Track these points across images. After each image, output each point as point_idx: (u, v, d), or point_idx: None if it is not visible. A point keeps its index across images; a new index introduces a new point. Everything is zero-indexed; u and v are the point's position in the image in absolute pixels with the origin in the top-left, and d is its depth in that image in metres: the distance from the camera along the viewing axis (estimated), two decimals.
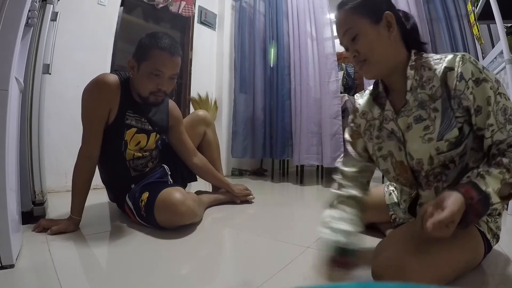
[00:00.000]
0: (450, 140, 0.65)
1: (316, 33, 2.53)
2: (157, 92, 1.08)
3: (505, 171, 0.58)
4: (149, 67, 1.04)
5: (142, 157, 1.23)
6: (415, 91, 0.69)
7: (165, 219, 1.05)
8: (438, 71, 0.66)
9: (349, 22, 0.69)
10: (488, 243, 0.70)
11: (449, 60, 0.65)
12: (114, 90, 1.09)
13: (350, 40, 0.70)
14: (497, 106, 0.62)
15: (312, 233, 1.07)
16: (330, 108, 2.35)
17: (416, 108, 0.69)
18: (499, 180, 0.58)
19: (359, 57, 0.70)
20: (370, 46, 0.68)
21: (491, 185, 0.57)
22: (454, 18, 1.96)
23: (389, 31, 0.68)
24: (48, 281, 0.68)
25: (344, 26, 0.70)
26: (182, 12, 2.61)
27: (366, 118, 0.81)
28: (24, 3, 0.76)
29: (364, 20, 0.68)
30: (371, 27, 0.68)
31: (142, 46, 1.07)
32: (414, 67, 0.69)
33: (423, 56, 0.71)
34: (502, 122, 0.61)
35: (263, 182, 2.51)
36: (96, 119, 1.09)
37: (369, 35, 0.68)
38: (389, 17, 0.68)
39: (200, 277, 0.75)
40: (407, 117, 0.70)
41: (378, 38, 0.68)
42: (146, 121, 1.20)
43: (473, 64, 0.63)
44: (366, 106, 0.81)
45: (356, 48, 0.69)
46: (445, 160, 0.67)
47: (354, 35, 0.69)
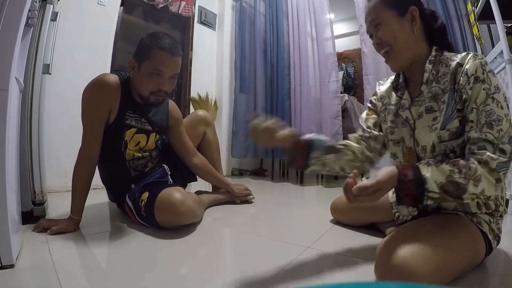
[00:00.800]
0: (451, 130, 0.69)
1: (316, 33, 2.53)
2: (158, 92, 1.08)
3: (456, 171, 0.61)
4: (150, 67, 1.04)
5: (142, 157, 1.23)
6: (430, 84, 0.74)
7: (165, 219, 1.05)
8: (452, 66, 0.70)
9: (376, 11, 0.75)
10: (489, 244, 0.70)
11: (462, 57, 0.70)
12: (114, 90, 1.09)
13: (374, 28, 0.76)
14: (484, 107, 0.64)
15: (312, 233, 1.08)
16: (331, 108, 2.35)
17: (429, 100, 0.74)
18: (445, 175, 0.61)
19: (382, 44, 0.75)
20: (392, 34, 0.74)
21: (433, 174, 0.61)
22: (454, 18, 1.96)
23: (412, 24, 0.73)
24: (48, 281, 0.68)
25: (371, 15, 0.76)
26: (182, 12, 2.61)
27: (383, 102, 0.89)
28: (24, 3, 0.76)
29: (390, 11, 0.74)
30: (395, 18, 0.73)
31: (143, 46, 1.07)
32: (432, 62, 0.74)
33: (444, 54, 0.75)
34: (481, 123, 0.64)
35: (263, 182, 2.51)
36: (96, 119, 1.09)
37: (392, 24, 0.73)
38: (413, 11, 0.73)
39: (200, 277, 0.75)
40: (419, 107, 0.76)
41: (400, 29, 0.73)
42: (146, 121, 1.20)
43: (480, 64, 0.66)
44: (385, 92, 0.89)
45: (379, 36, 0.75)
46: (445, 149, 0.70)
47: (378, 23, 0.75)
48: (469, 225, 0.69)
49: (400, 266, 0.56)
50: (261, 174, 2.97)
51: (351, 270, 0.76)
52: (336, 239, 1.03)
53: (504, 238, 0.77)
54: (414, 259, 0.56)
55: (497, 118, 0.63)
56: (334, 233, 1.09)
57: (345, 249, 0.91)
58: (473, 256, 0.68)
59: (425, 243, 0.59)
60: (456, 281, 0.64)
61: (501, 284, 0.71)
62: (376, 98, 0.92)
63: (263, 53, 2.83)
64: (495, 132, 0.63)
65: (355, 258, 0.84)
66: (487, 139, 0.63)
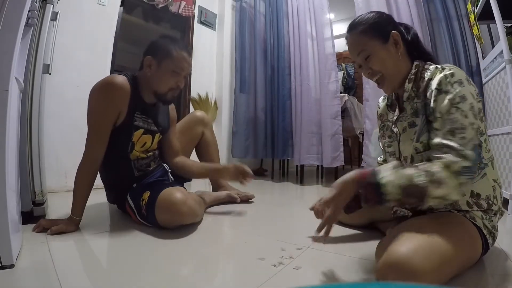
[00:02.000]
0: (424, 142, 0.73)
1: (316, 33, 2.53)
2: (176, 88, 1.16)
3: (416, 174, 0.62)
4: (172, 65, 1.12)
5: (146, 157, 1.24)
6: (412, 100, 0.78)
7: (166, 219, 1.05)
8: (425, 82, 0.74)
9: (361, 44, 0.78)
10: (485, 240, 0.71)
11: (431, 72, 0.73)
12: (125, 92, 1.10)
13: (363, 60, 0.79)
14: (448, 115, 0.66)
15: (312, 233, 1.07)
16: (330, 108, 2.35)
17: (411, 115, 0.78)
18: (406, 178, 0.63)
19: (374, 74, 0.80)
20: (382, 63, 0.78)
21: (393, 176, 0.64)
22: (454, 18, 1.96)
23: (396, 47, 0.78)
24: (48, 281, 0.68)
25: (357, 48, 0.80)
26: (182, 12, 2.61)
27: (382, 119, 0.95)
28: (24, 3, 0.76)
29: (375, 41, 0.77)
30: (381, 46, 0.77)
31: (161, 45, 1.14)
32: (412, 80, 0.78)
33: (425, 68, 0.78)
34: (445, 131, 0.66)
35: (263, 182, 2.51)
36: (104, 122, 1.08)
37: (380, 54, 0.77)
38: (395, 36, 0.77)
39: (200, 277, 0.75)
40: (404, 122, 0.81)
41: (388, 56, 0.77)
42: (152, 122, 1.22)
43: (444, 77, 0.69)
44: (383, 110, 0.95)
45: (370, 66, 0.79)
46: (422, 159, 0.74)
47: (367, 55, 0.78)
48: (464, 220, 0.70)
49: (400, 264, 0.56)
50: (261, 174, 2.97)
51: (351, 270, 0.76)
52: (336, 239, 1.03)
53: (504, 238, 0.77)
54: (414, 257, 0.56)
55: (461, 126, 0.64)
56: (334, 233, 1.09)
57: (345, 249, 0.91)
58: (471, 250, 0.69)
59: (424, 241, 0.60)
60: (456, 281, 0.64)
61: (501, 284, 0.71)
62: (378, 116, 0.98)
63: (263, 53, 2.84)
64: (458, 139, 0.63)
65: (355, 258, 0.84)
66: (449, 145, 0.63)
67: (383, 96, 0.99)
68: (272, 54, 2.76)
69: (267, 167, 3.03)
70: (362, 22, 0.79)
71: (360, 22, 0.80)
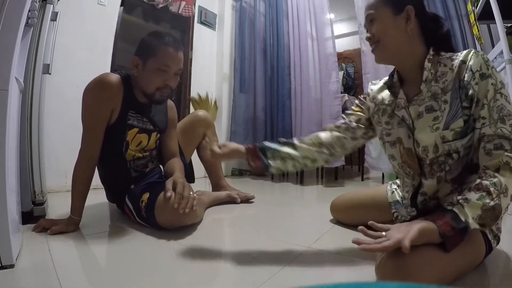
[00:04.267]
0: (456, 130, 0.68)
1: (316, 33, 2.53)
2: (164, 88, 1.10)
3: (485, 195, 0.59)
4: (156, 63, 1.06)
5: (143, 157, 1.23)
6: (429, 83, 0.73)
7: (166, 220, 1.04)
8: (454, 65, 0.71)
9: (372, 7, 0.78)
10: (489, 244, 0.70)
11: (464, 55, 0.70)
12: (117, 90, 1.08)
13: (369, 22, 0.79)
14: (494, 102, 0.65)
15: (312, 233, 1.07)
16: (331, 108, 2.35)
17: (428, 99, 0.73)
18: (479, 206, 0.59)
19: (373, 39, 0.78)
20: (383, 30, 0.76)
21: (470, 213, 0.58)
22: (454, 18, 1.96)
23: (406, 23, 0.74)
24: (48, 281, 0.68)
25: (368, 9, 0.79)
26: (182, 12, 2.61)
27: (375, 102, 0.88)
28: (24, 3, 0.76)
29: (386, 8, 0.76)
30: (390, 16, 0.75)
31: (147, 43, 1.09)
32: (431, 61, 0.74)
33: (441, 54, 0.75)
34: (495, 118, 0.64)
35: (263, 182, 2.51)
36: (97, 120, 1.08)
37: (385, 21, 0.75)
38: (409, 11, 0.74)
39: (200, 277, 0.75)
40: (419, 106, 0.74)
41: (393, 27, 0.75)
42: (148, 121, 1.20)
43: (483, 60, 0.67)
44: (377, 92, 0.89)
45: (372, 31, 0.78)
46: (449, 149, 0.70)
47: (373, 18, 0.77)
48: None
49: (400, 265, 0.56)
50: (261, 174, 2.97)
51: (351, 270, 0.76)
52: (336, 239, 1.03)
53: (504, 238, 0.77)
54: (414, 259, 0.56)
55: (508, 113, 0.64)
56: (334, 233, 1.09)
57: (345, 249, 0.91)
58: (474, 255, 0.68)
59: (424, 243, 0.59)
60: (456, 281, 0.64)
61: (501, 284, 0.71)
62: (368, 99, 0.91)
63: (263, 53, 2.83)
64: (508, 126, 0.63)
65: (355, 258, 0.84)
66: (503, 135, 0.63)
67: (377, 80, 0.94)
68: (272, 54, 2.76)
69: None
70: None
71: None
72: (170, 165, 1.25)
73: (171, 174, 1.15)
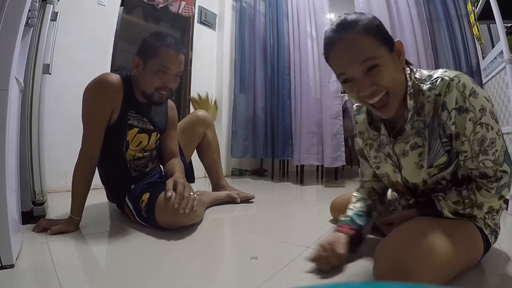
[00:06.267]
0: (440, 166, 0.69)
1: (316, 33, 2.53)
2: (163, 88, 1.10)
3: (461, 202, 0.67)
4: (157, 64, 1.07)
5: (143, 157, 1.23)
6: (412, 118, 0.69)
7: (166, 220, 1.04)
8: (431, 98, 0.65)
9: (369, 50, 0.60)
10: (487, 239, 0.71)
11: (439, 86, 0.63)
12: (117, 90, 1.09)
13: (365, 71, 0.61)
14: (474, 136, 0.63)
15: (312, 233, 1.07)
16: (331, 108, 2.35)
17: (413, 136, 0.70)
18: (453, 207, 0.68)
19: (378, 91, 0.63)
20: (392, 78, 0.62)
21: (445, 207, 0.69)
22: (454, 18, 1.96)
23: (399, 59, 0.64)
24: (48, 281, 0.68)
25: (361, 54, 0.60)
26: (182, 12, 2.61)
27: (363, 137, 0.84)
28: (24, 3, 0.76)
29: (383, 49, 0.61)
30: (389, 56, 0.62)
31: (148, 44, 1.09)
32: (412, 96, 0.67)
33: (416, 77, 0.68)
34: (476, 152, 0.64)
35: (263, 182, 2.51)
36: (98, 120, 1.08)
37: (390, 66, 0.62)
38: (398, 45, 0.64)
39: (200, 277, 0.75)
40: (405, 144, 0.71)
41: (395, 69, 0.63)
42: (148, 121, 1.20)
43: (458, 91, 0.61)
44: (362, 126, 0.83)
45: (376, 81, 0.62)
46: (437, 180, 0.72)
47: (374, 65, 0.60)
48: (464, 222, 0.70)
49: (400, 265, 0.56)
50: (261, 174, 2.97)
51: (351, 270, 0.76)
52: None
53: (504, 238, 0.77)
54: (413, 258, 0.56)
55: (490, 142, 0.63)
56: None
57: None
58: (472, 252, 0.68)
59: (423, 242, 0.59)
60: (456, 281, 0.64)
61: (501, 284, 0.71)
62: (357, 133, 0.87)
63: (263, 53, 2.83)
64: (491, 156, 0.63)
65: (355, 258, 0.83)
66: (486, 166, 0.64)
67: (356, 106, 0.86)
68: (272, 54, 2.76)
69: (267, 167, 3.03)
70: (362, 20, 0.61)
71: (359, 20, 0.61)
72: (170, 165, 1.26)
73: (172, 174, 1.15)
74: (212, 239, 1.07)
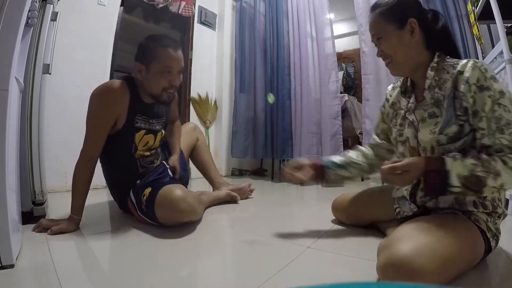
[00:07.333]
0: (449, 135, 0.72)
1: (316, 33, 2.53)
2: (170, 88, 1.14)
3: (479, 164, 0.65)
4: (159, 66, 1.10)
5: (150, 155, 1.27)
6: (433, 90, 0.77)
7: (165, 215, 1.05)
8: (453, 73, 0.73)
9: (377, 25, 0.81)
10: (488, 242, 0.71)
11: (462, 65, 0.72)
12: (121, 97, 1.11)
13: (376, 40, 0.82)
14: (493, 114, 0.67)
15: (312, 233, 1.07)
16: (330, 108, 2.35)
17: (431, 105, 0.77)
18: (468, 169, 0.65)
19: (384, 56, 0.82)
20: (392, 48, 0.79)
21: (456, 168, 0.66)
22: (454, 18, 1.96)
23: (411, 35, 0.77)
24: (48, 281, 0.68)
25: (373, 29, 0.83)
26: (182, 12, 2.61)
27: (394, 108, 0.93)
28: (24, 3, 0.76)
29: (390, 25, 0.78)
30: (395, 32, 0.78)
31: (146, 48, 1.12)
32: (435, 69, 0.77)
33: (446, 60, 0.77)
34: (493, 129, 0.66)
35: (263, 182, 2.51)
36: (101, 124, 1.11)
37: (392, 39, 0.78)
38: (412, 24, 0.77)
39: (200, 277, 0.75)
40: (424, 111, 0.79)
41: (400, 42, 0.78)
42: (154, 122, 1.24)
43: (481, 72, 0.69)
44: (396, 97, 0.93)
45: (381, 49, 0.81)
46: (443, 152, 0.73)
47: (380, 37, 0.80)
48: (468, 222, 0.70)
49: (402, 264, 0.56)
50: (261, 174, 2.97)
51: (351, 270, 0.76)
52: (336, 239, 1.03)
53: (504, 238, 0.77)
54: (416, 257, 0.56)
55: (507, 122, 0.65)
56: (334, 233, 1.09)
57: (345, 249, 0.91)
58: (473, 253, 0.68)
59: (427, 241, 0.60)
60: (456, 281, 0.64)
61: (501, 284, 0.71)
62: (388, 105, 0.97)
63: (263, 53, 2.83)
64: (507, 135, 0.65)
65: (355, 258, 0.84)
66: (502, 144, 0.65)
67: (392, 84, 0.99)
68: (272, 54, 2.76)
69: (267, 167, 3.02)
70: (382, 3, 0.80)
71: (381, 3, 0.81)
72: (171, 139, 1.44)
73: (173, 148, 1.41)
74: (212, 239, 1.07)
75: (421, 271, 0.55)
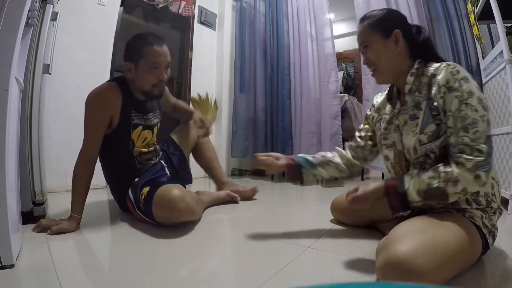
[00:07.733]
0: (428, 134, 0.76)
1: (316, 33, 2.53)
2: (159, 83, 1.18)
3: (436, 176, 0.69)
4: (146, 63, 1.14)
5: (148, 152, 1.30)
6: (413, 94, 0.82)
7: (163, 215, 1.06)
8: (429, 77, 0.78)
9: (364, 34, 0.86)
10: (485, 238, 0.71)
11: (436, 68, 0.76)
12: (113, 98, 1.16)
13: (363, 48, 0.87)
14: (459, 113, 0.70)
15: (312, 233, 1.08)
16: (330, 108, 2.35)
17: (412, 108, 0.82)
18: (426, 183, 0.70)
19: (369, 64, 0.87)
20: (377, 56, 0.84)
21: (413, 184, 0.72)
22: (454, 18, 1.96)
23: (396, 45, 0.82)
24: (48, 281, 0.68)
25: (360, 38, 0.88)
26: (182, 12, 2.61)
27: (379, 113, 0.98)
28: (24, 3, 0.76)
29: (376, 34, 0.84)
30: (381, 41, 0.83)
31: (133, 47, 1.17)
32: (414, 74, 0.82)
33: (427, 66, 0.81)
34: (458, 128, 0.69)
35: (263, 182, 2.51)
36: (96, 125, 1.15)
37: (378, 47, 0.84)
38: (397, 34, 0.82)
39: (200, 277, 0.75)
40: (405, 115, 0.84)
41: (385, 51, 0.83)
42: (150, 117, 1.28)
43: (451, 74, 0.72)
44: (381, 103, 0.98)
45: (368, 56, 0.86)
46: (426, 151, 0.77)
47: (366, 45, 0.86)
48: (463, 220, 0.70)
49: (401, 263, 0.56)
50: (261, 174, 2.97)
51: (351, 270, 0.77)
52: (336, 239, 1.03)
53: (504, 238, 0.77)
54: (415, 256, 0.56)
55: (472, 121, 0.68)
56: (334, 233, 1.10)
57: (344, 249, 0.91)
58: (471, 251, 0.69)
59: (425, 240, 0.60)
60: (456, 281, 0.64)
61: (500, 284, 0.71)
62: (373, 109, 1.01)
63: (263, 53, 2.83)
64: (471, 134, 0.68)
65: (355, 258, 0.84)
66: (464, 143, 0.68)
67: (380, 93, 1.03)
68: (272, 54, 2.76)
69: None
70: (371, 16, 0.86)
71: (369, 15, 0.87)
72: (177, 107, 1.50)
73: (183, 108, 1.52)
74: (212, 239, 1.07)
75: (420, 271, 0.55)
